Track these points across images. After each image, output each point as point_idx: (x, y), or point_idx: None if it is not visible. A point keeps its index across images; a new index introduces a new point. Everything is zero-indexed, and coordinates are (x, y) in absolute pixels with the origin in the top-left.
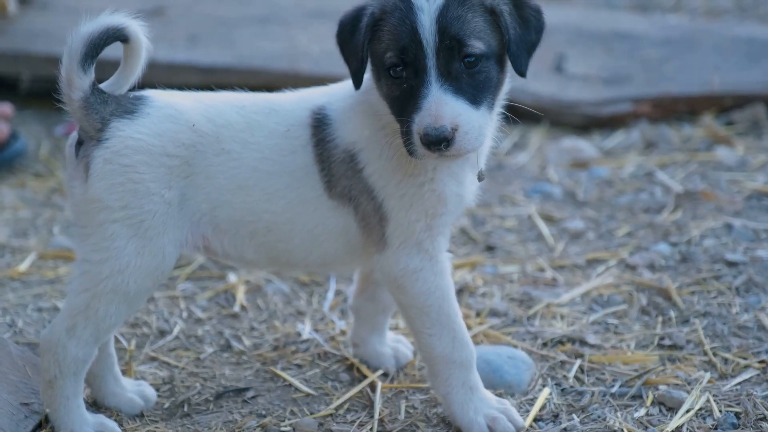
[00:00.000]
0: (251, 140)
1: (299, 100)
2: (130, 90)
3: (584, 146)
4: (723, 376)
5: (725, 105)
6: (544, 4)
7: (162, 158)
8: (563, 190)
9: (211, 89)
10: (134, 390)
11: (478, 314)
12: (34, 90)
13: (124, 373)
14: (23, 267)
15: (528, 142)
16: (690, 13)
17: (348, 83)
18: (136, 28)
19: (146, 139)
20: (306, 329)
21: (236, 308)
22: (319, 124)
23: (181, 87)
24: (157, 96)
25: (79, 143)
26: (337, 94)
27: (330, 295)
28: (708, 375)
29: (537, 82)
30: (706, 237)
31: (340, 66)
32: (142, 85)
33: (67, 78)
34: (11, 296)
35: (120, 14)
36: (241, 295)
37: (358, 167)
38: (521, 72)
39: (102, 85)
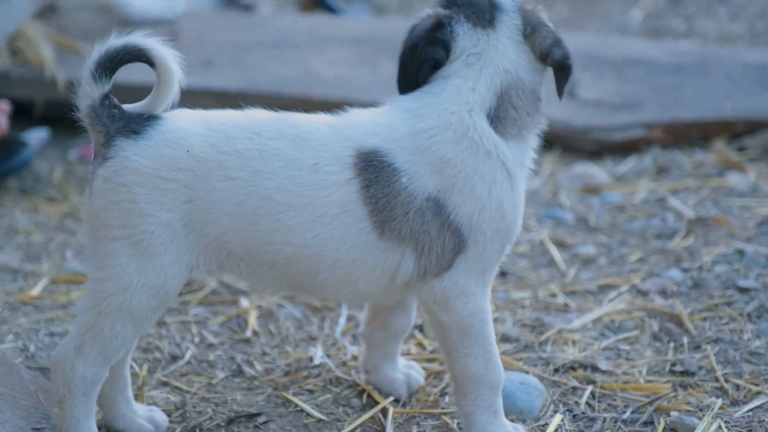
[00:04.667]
0: (263, 168)
1: (337, 135)
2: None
3: (596, 172)
4: (735, 403)
5: (737, 131)
6: (557, 29)
7: (156, 181)
8: (575, 216)
9: None
10: (145, 415)
11: None
12: (48, 114)
13: (136, 398)
14: (36, 291)
15: (540, 168)
16: (702, 39)
17: (433, 122)
18: (163, 53)
19: (142, 161)
20: (318, 354)
21: (248, 333)
22: (372, 168)
23: None
24: (169, 118)
25: (94, 157)
26: (400, 137)
27: (342, 320)
28: (720, 401)
29: (549, 107)
30: (717, 263)
31: (352, 90)
32: None
33: (81, 85)
34: (23, 321)
35: (148, 37)
36: (253, 320)
37: (446, 211)
38: None
39: (133, 106)
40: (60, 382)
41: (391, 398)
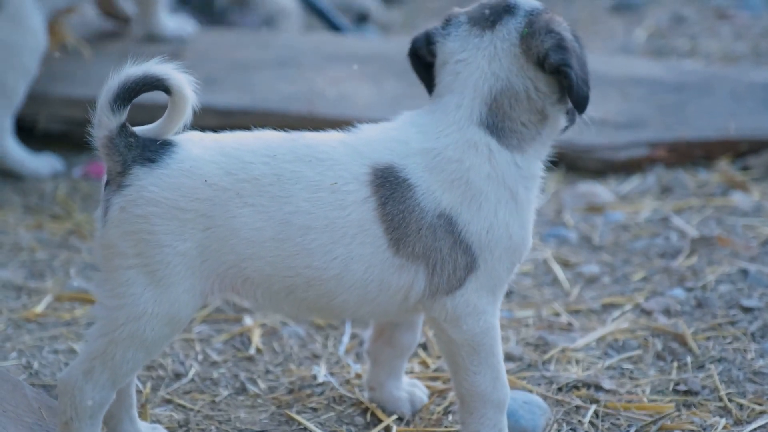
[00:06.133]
0: (281, 193)
1: (352, 152)
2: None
3: (600, 191)
4: (738, 422)
5: (741, 150)
6: (576, 41)
7: (174, 211)
8: (579, 235)
9: (228, 131)
10: None
11: None
12: (51, 132)
13: (139, 415)
14: (39, 309)
15: (544, 187)
16: (706, 58)
17: (435, 143)
18: (180, 81)
19: (160, 192)
20: (321, 372)
21: (252, 351)
22: (388, 184)
23: (199, 129)
24: (183, 145)
25: (107, 183)
26: (413, 153)
27: (345, 338)
28: (723, 421)
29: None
30: (721, 282)
31: (356, 108)
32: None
33: (97, 115)
34: (27, 338)
35: (166, 65)
36: (256, 338)
37: (457, 229)
38: None
39: (144, 128)
40: (67, 405)
41: (395, 416)
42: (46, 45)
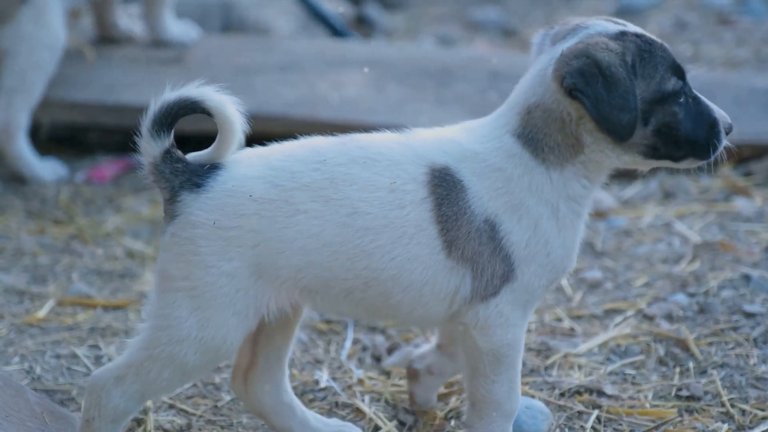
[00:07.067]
0: (336, 196)
1: (410, 152)
2: None
3: (603, 196)
4: (741, 428)
5: (743, 155)
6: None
7: (217, 231)
8: (581, 240)
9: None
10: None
11: None
12: (54, 136)
13: (141, 421)
14: (42, 313)
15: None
16: (708, 64)
17: (480, 147)
18: (219, 103)
19: (204, 214)
20: (323, 377)
21: None
22: (444, 186)
23: (202, 134)
24: (228, 167)
25: (164, 212)
26: (469, 159)
27: (348, 343)
28: (726, 426)
29: None
30: (724, 288)
31: (358, 113)
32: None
33: (141, 143)
34: (29, 343)
35: (204, 87)
36: None
37: (499, 236)
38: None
39: (198, 154)
40: (92, 403)
41: (396, 422)
42: (65, 43)
